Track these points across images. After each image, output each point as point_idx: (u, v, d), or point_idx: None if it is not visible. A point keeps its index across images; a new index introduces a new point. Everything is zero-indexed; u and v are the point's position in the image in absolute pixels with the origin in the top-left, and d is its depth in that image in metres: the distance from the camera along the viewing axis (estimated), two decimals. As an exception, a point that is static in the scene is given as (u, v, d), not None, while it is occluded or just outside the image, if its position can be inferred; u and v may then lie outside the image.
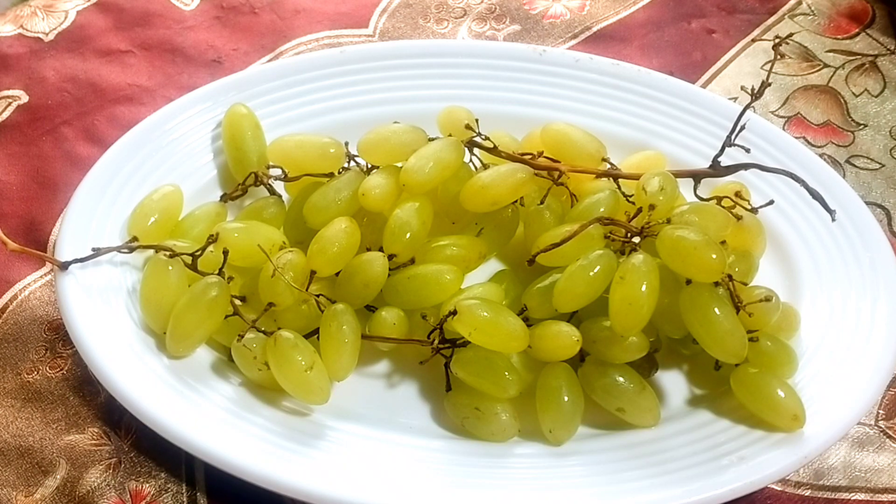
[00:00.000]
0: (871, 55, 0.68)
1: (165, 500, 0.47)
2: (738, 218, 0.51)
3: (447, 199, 0.53)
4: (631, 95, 0.60)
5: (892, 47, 0.69)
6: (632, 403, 0.47)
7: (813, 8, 0.71)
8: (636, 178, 0.51)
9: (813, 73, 0.67)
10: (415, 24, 0.70)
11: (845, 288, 0.52)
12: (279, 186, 0.55)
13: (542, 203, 0.52)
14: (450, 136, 0.53)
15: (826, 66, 0.67)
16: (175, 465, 0.47)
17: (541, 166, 0.52)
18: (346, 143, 0.54)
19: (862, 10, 0.71)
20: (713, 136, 0.57)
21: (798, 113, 0.65)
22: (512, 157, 0.53)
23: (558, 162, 0.53)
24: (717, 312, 0.46)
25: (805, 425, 0.46)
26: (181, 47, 0.67)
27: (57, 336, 0.53)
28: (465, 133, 0.53)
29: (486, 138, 0.54)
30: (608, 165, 0.54)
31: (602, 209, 0.51)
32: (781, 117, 0.64)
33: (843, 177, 0.60)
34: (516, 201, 0.52)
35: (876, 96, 0.66)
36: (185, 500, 0.47)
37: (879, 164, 0.62)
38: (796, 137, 0.63)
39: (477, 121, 0.54)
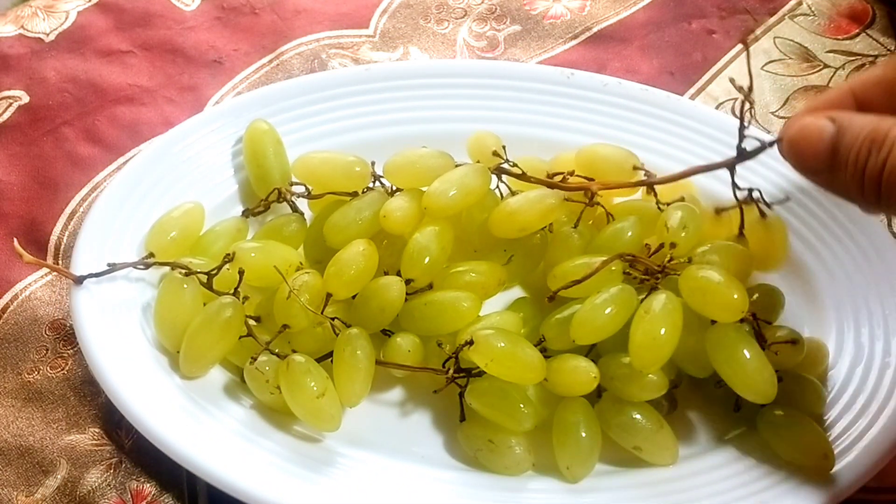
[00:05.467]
0: (872, 56, 0.68)
1: (166, 500, 0.47)
2: (764, 216, 0.50)
3: (472, 227, 0.52)
4: (659, 122, 0.59)
5: (893, 48, 0.69)
6: (649, 442, 0.46)
7: (813, 8, 0.71)
8: (672, 181, 0.50)
9: (813, 73, 0.67)
10: (415, 25, 0.70)
11: (873, 323, 0.50)
12: (303, 204, 0.55)
13: (576, 226, 0.51)
14: (478, 162, 0.52)
15: (826, 66, 0.67)
16: (176, 465, 0.47)
17: (572, 187, 0.51)
18: (373, 163, 0.53)
19: (862, 10, 0.71)
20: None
21: (798, 113, 0.65)
22: (542, 182, 0.52)
23: (591, 180, 0.52)
24: (745, 352, 0.45)
25: (835, 465, 0.45)
26: (182, 48, 0.67)
27: (58, 336, 0.53)
28: (494, 159, 0.52)
29: (515, 165, 0.52)
30: (642, 173, 0.53)
31: (630, 234, 0.50)
32: (781, 118, 0.64)
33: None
34: (545, 227, 0.51)
35: (876, 97, 0.66)
36: (185, 500, 0.47)
37: (879, 164, 0.62)
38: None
39: (504, 147, 0.53)
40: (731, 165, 0.49)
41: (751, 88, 0.44)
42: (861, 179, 0.38)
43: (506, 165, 0.52)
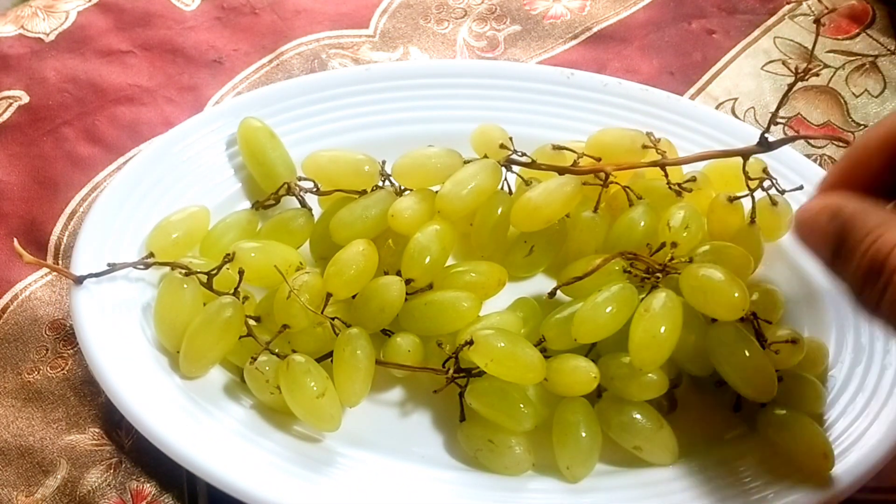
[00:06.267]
0: (872, 55, 0.68)
1: (166, 500, 0.47)
2: (775, 203, 0.51)
3: (484, 230, 0.52)
4: (659, 122, 0.58)
5: (893, 48, 0.69)
6: (649, 441, 0.46)
7: (813, 8, 0.71)
8: (685, 163, 0.51)
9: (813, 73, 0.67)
10: (415, 25, 0.70)
11: (873, 323, 0.50)
12: (313, 201, 0.55)
13: (595, 210, 0.52)
14: (485, 156, 0.53)
15: (826, 66, 0.67)
16: (176, 465, 0.47)
17: (585, 170, 0.51)
18: (383, 162, 0.53)
19: (862, 10, 0.71)
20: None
21: (798, 113, 0.65)
22: (553, 168, 0.52)
23: (599, 160, 0.52)
24: (745, 351, 0.45)
25: (834, 465, 0.45)
26: (182, 48, 0.67)
27: (58, 336, 0.53)
28: (500, 152, 0.52)
29: (524, 154, 0.52)
30: (652, 150, 0.53)
31: (642, 223, 0.51)
32: (781, 118, 0.64)
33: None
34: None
35: (876, 97, 0.66)
36: (185, 500, 0.47)
37: (879, 164, 0.62)
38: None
39: (511, 139, 0.53)
40: (746, 154, 0.49)
41: (807, 71, 0.48)
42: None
43: (515, 156, 0.52)
